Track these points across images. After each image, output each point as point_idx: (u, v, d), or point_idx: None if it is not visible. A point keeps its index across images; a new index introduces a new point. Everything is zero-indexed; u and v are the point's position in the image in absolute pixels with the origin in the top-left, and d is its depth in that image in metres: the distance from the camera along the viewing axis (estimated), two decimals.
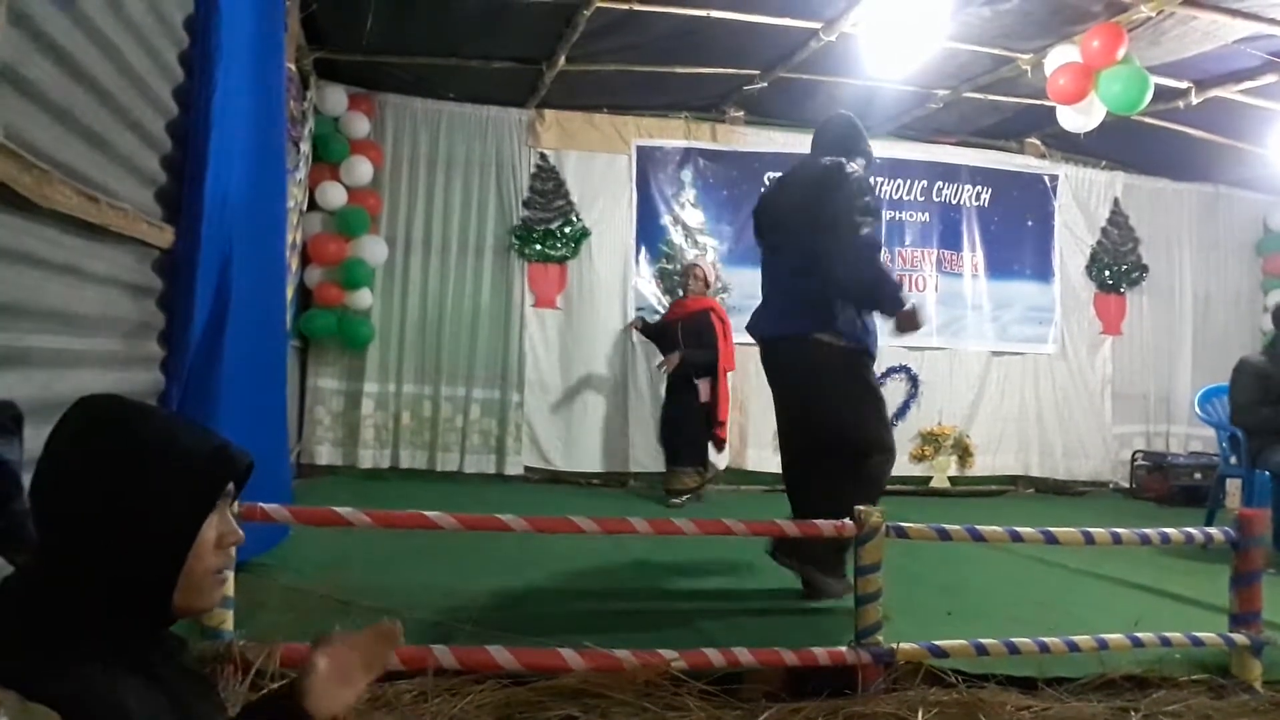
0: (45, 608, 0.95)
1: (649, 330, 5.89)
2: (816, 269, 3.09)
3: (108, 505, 0.97)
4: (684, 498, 5.51)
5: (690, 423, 5.60)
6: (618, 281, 6.36)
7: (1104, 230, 7.18)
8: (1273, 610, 2.84)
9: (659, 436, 5.85)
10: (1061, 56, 4.52)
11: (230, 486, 1.07)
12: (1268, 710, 2.49)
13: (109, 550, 0.97)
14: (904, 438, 6.71)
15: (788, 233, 3.24)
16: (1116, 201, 7.22)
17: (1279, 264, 7.50)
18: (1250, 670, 2.67)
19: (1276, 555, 4.00)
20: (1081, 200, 7.12)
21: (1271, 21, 4.33)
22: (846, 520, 2.54)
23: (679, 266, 6.42)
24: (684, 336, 5.59)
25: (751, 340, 3.57)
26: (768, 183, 6.51)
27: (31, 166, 1.60)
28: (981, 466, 6.84)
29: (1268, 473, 4.36)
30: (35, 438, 1.05)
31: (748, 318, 6.32)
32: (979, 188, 6.88)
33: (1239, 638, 2.69)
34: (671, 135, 6.46)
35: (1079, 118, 4.61)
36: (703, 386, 5.59)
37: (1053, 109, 4.91)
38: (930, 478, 6.71)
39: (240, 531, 1.09)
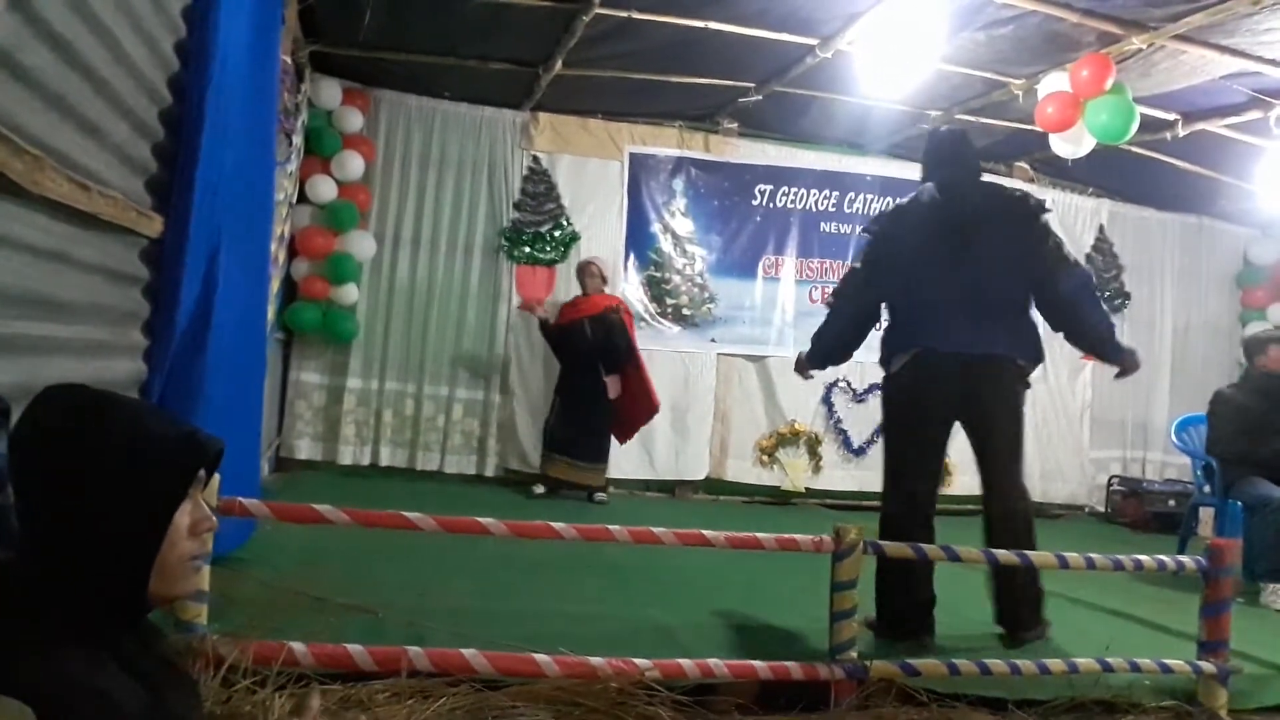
0: (24, 599, 0.95)
1: (550, 332, 5.76)
2: (1022, 293, 3.14)
3: (79, 494, 0.97)
4: (603, 494, 5.69)
5: (602, 419, 5.68)
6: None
7: (1088, 256, 7.25)
8: (1240, 639, 2.88)
9: (561, 433, 5.65)
10: (1054, 84, 4.57)
11: (201, 473, 1.07)
12: None
13: (83, 539, 0.97)
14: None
15: (987, 253, 3.11)
16: (1101, 228, 7.31)
17: (1258, 296, 7.61)
18: (1216, 698, 2.70)
19: (1246, 585, 4.06)
20: (1067, 226, 7.18)
21: (1258, 59, 4.40)
22: None
23: (668, 275, 6.45)
24: (593, 333, 5.61)
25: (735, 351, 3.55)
26: (759, 195, 6.57)
27: (23, 152, 1.59)
28: (960, 486, 6.84)
29: (1240, 503, 4.42)
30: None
31: (733, 328, 6.49)
32: None
33: (1206, 666, 2.72)
34: (665, 143, 6.48)
35: (1070, 145, 4.67)
36: (611, 383, 5.66)
37: (1042, 134, 4.97)
38: None
39: (213, 518, 1.10)
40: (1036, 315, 3.29)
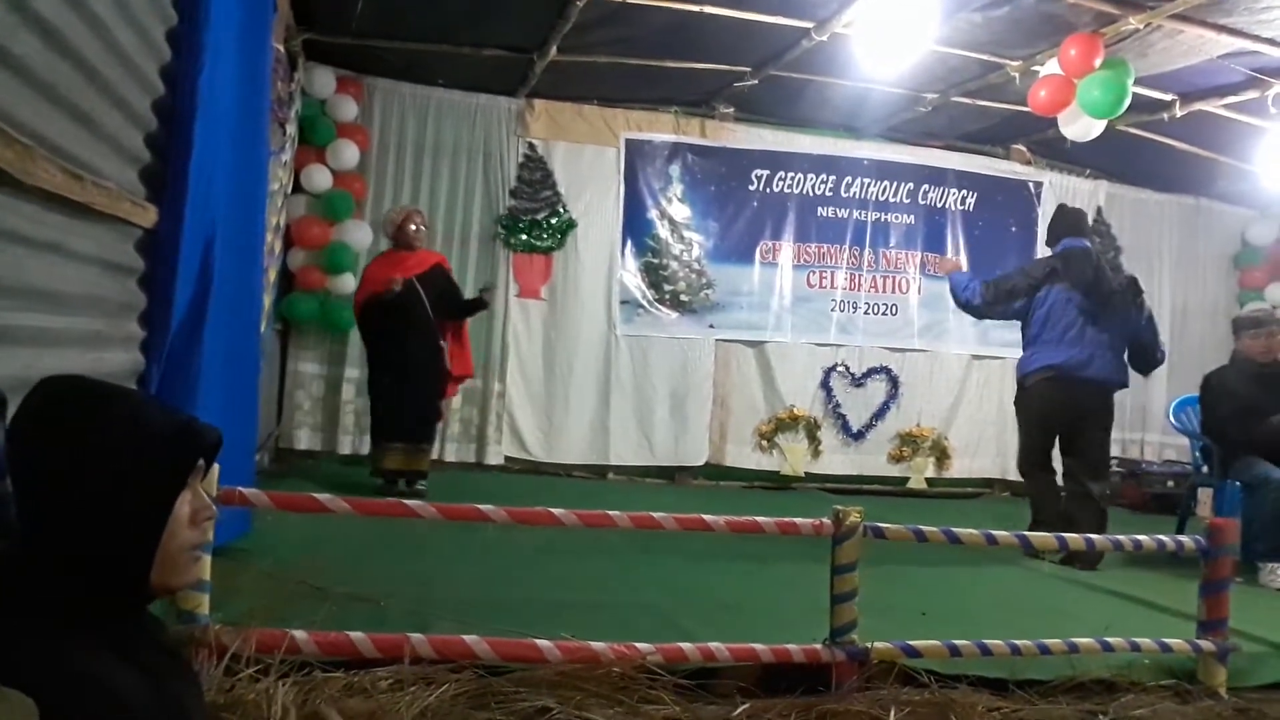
0: (25, 591, 0.95)
1: (380, 304, 4.76)
2: (1127, 341, 4.48)
3: (79, 485, 0.97)
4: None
5: (438, 389, 4.99)
6: (603, 274, 6.35)
7: None
8: (1239, 618, 2.89)
9: (398, 416, 4.83)
10: (1054, 66, 4.55)
11: (200, 463, 1.07)
12: (1231, 716, 2.55)
13: (84, 530, 0.97)
14: (883, 438, 6.77)
15: (1114, 308, 4.41)
16: (1100, 210, 7.28)
17: (1255, 277, 7.61)
18: (1216, 676, 2.72)
19: (1245, 564, 4.07)
20: None
21: (1256, 38, 4.38)
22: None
23: (665, 261, 6.43)
24: (426, 291, 4.83)
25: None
26: (756, 180, 6.55)
27: (15, 142, 1.58)
28: (959, 469, 6.90)
29: (1238, 483, 4.43)
30: None
31: (731, 314, 6.46)
32: (964, 192, 6.92)
33: (1206, 644, 2.73)
34: (661, 129, 6.45)
35: (1078, 129, 4.65)
36: (447, 349, 4.99)
37: (1039, 116, 4.95)
38: (908, 479, 6.76)
39: (213, 506, 1.11)
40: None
